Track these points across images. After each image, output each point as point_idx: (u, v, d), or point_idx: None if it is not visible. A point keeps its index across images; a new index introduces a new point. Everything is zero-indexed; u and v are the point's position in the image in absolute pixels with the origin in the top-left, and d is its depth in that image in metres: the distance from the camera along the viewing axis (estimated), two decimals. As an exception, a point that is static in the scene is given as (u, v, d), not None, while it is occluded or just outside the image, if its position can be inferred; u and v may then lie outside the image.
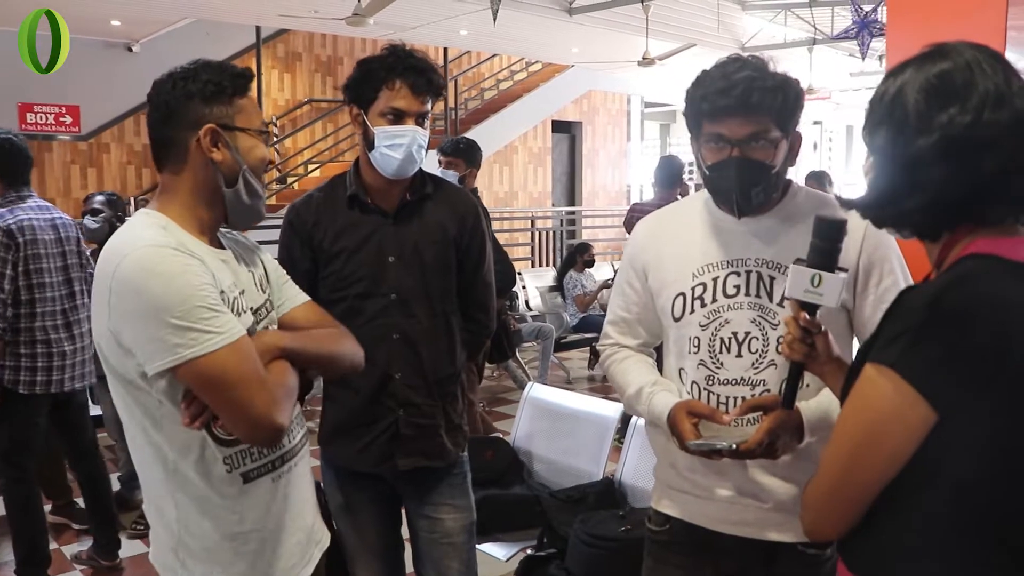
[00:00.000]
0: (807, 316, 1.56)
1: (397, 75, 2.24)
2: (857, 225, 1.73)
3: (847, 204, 1.36)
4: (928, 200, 1.23)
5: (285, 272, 1.91)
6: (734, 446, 1.71)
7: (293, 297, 1.88)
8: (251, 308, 1.70)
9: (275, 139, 1.98)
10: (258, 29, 11.47)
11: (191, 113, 1.64)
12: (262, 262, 1.85)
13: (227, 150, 1.66)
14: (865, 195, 1.32)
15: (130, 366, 1.53)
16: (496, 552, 3.24)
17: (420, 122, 2.29)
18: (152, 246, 1.53)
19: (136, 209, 4.31)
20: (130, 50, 11.14)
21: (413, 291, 2.33)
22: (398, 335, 2.33)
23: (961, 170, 1.19)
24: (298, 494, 1.76)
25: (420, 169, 2.36)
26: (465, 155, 4.59)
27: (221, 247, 1.74)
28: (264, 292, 1.79)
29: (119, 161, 11.31)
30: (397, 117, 2.26)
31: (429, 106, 2.31)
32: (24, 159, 3.75)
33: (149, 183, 11.33)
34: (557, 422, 3.72)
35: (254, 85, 1.77)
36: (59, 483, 4.56)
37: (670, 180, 5.79)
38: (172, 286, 1.49)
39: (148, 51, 11.10)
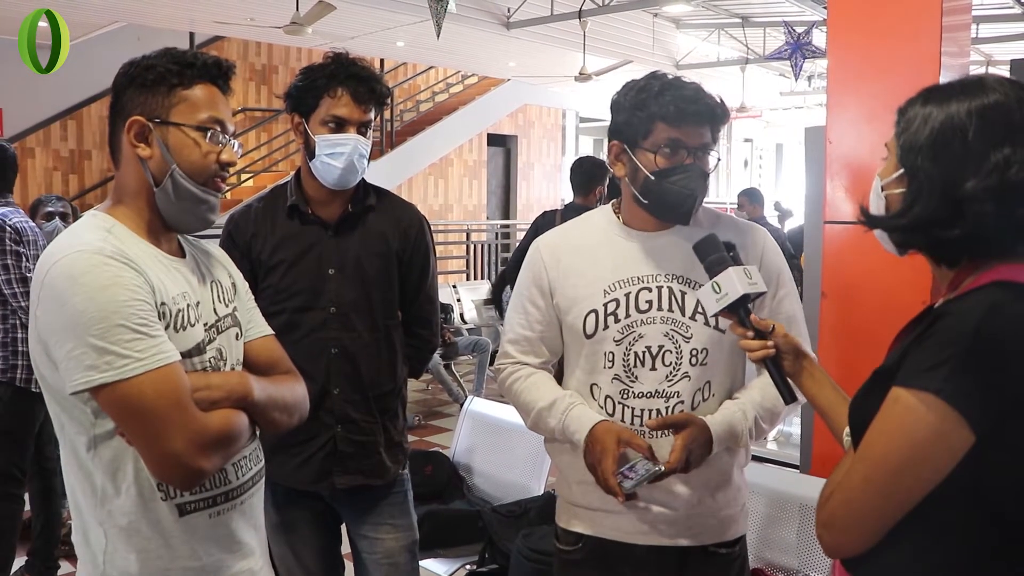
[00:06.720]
0: (744, 318, 1.63)
1: (339, 83, 2.21)
2: (755, 241, 1.92)
3: (873, 222, 1.35)
4: (967, 233, 1.23)
5: (252, 296, 1.81)
6: (661, 468, 1.77)
7: (258, 326, 1.76)
8: (205, 322, 1.58)
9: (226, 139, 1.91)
10: (192, 36, 11.25)
11: (127, 102, 1.52)
12: (231, 276, 1.74)
13: (156, 147, 1.51)
14: (896, 216, 1.31)
15: (60, 380, 1.43)
16: (437, 568, 3.19)
17: (362, 131, 2.26)
18: (84, 252, 1.40)
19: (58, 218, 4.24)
20: (57, 53, 10.81)
21: (354, 304, 2.29)
22: (337, 349, 2.29)
23: (1012, 212, 1.21)
24: (244, 534, 1.62)
25: (363, 180, 2.33)
26: None
27: (180, 253, 1.63)
28: (227, 306, 1.67)
29: (44, 166, 10.95)
30: (339, 126, 2.23)
31: (372, 115, 2.28)
32: (14, 166, 3.83)
33: (76, 190, 11.00)
34: (498, 436, 3.68)
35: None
36: None
37: (587, 185, 5.10)
38: (95, 300, 1.37)
39: (76, 54, 10.71)
